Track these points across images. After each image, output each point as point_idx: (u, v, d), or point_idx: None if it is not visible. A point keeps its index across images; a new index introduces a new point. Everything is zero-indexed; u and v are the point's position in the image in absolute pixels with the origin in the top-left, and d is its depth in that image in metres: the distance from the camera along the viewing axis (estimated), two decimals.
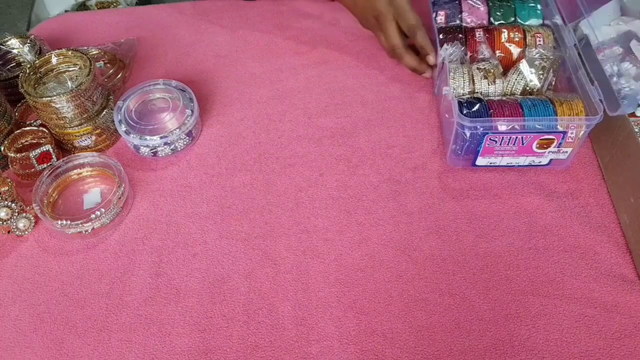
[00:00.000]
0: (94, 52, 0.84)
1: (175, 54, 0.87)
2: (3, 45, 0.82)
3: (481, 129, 0.60)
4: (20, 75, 0.69)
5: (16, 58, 0.82)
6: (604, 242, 0.61)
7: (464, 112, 0.62)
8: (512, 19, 0.74)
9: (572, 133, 0.60)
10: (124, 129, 0.70)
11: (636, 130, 0.59)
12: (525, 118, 0.61)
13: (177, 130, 0.70)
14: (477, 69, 0.67)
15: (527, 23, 0.74)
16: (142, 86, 0.75)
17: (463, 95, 0.66)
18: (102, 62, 0.83)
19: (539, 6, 0.74)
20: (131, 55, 0.85)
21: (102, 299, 0.60)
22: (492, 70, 0.66)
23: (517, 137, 0.61)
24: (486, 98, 0.64)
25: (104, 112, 0.71)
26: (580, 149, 0.69)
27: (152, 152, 0.71)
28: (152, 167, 0.72)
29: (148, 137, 0.69)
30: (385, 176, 0.68)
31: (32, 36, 0.82)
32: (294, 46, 0.86)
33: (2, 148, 0.70)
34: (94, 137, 0.72)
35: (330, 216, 0.65)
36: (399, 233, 0.63)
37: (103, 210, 0.64)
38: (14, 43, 0.82)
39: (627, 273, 0.58)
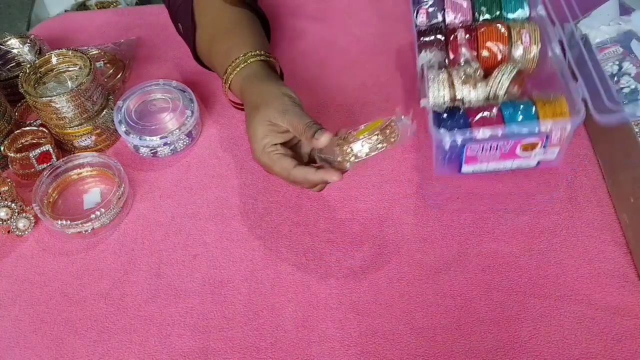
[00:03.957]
0: (94, 52, 0.84)
1: (175, 55, 0.86)
2: (3, 45, 0.82)
3: (460, 139, 0.58)
4: (20, 75, 0.69)
5: (16, 58, 0.82)
6: (605, 242, 0.61)
7: (442, 124, 0.59)
8: (497, 12, 0.69)
9: (556, 134, 0.58)
10: (124, 129, 0.70)
11: (636, 130, 0.59)
12: (506, 124, 0.58)
13: (177, 130, 0.70)
14: (457, 74, 0.63)
15: (513, 16, 0.69)
16: (142, 86, 0.74)
17: (444, 103, 0.62)
18: (102, 62, 0.83)
19: None
20: (131, 55, 0.85)
21: (102, 299, 0.60)
22: (472, 75, 0.63)
23: (497, 144, 0.59)
24: (466, 106, 0.62)
25: (104, 112, 0.71)
26: (580, 148, 0.69)
27: (152, 153, 0.71)
28: (152, 167, 0.72)
29: (148, 138, 0.69)
30: (386, 177, 0.68)
31: (32, 36, 0.82)
32: (294, 47, 0.85)
33: (2, 148, 0.70)
34: (94, 137, 0.72)
35: (331, 217, 0.65)
36: (401, 233, 0.63)
37: (103, 210, 0.64)
38: (14, 43, 0.82)
39: (627, 273, 0.58)
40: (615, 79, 0.64)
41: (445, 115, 0.60)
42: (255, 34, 0.69)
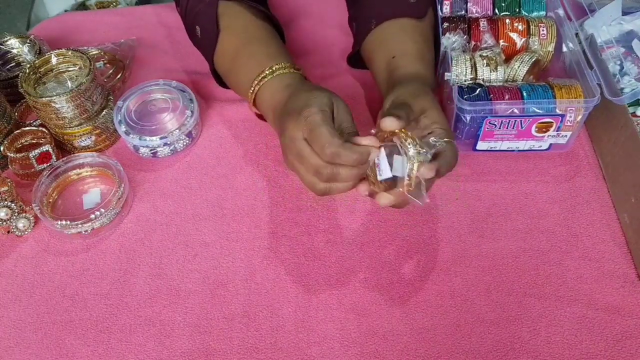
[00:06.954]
0: (94, 52, 0.84)
1: (175, 54, 0.86)
2: (3, 45, 0.82)
3: (481, 112, 0.62)
4: (20, 75, 0.69)
5: (16, 58, 0.82)
6: (605, 242, 0.61)
7: (464, 96, 0.63)
8: (517, 10, 0.75)
9: (570, 116, 0.62)
10: (123, 129, 0.70)
11: (639, 130, 0.59)
12: (525, 101, 0.62)
13: (177, 130, 0.70)
14: (480, 56, 0.67)
15: (531, 15, 0.74)
16: (142, 86, 0.74)
17: (465, 82, 0.66)
18: (102, 62, 0.83)
19: None
20: (131, 55, 0.85)
21: (102, 299, 0.60)
22: (494, 58, 0.67)
23: (516, 121, 0.62)
24: (487, 84, 0.65)
25: (104, 112, 0.71)
26: (582, 148, 0.69)
27: (151, 153, 0.71)
28: (151, 167, 0.72)
29: (148, 138, 0.69)
30: None
31: (32, 36, 0.81)
32: (295, 47, 0.85)
33: (2, 148, 0.70)
34: (93, 137, 0.72)
35: (331, 217, 0.65)
36: (401, 234, 0.63)
37: (103, 210, 0.64)
38: (13, 43, 0.82)
39: (628, 274, 0.58)
40: (617, 79, 0.64)
41: (467, 89, 0.64)
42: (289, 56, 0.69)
